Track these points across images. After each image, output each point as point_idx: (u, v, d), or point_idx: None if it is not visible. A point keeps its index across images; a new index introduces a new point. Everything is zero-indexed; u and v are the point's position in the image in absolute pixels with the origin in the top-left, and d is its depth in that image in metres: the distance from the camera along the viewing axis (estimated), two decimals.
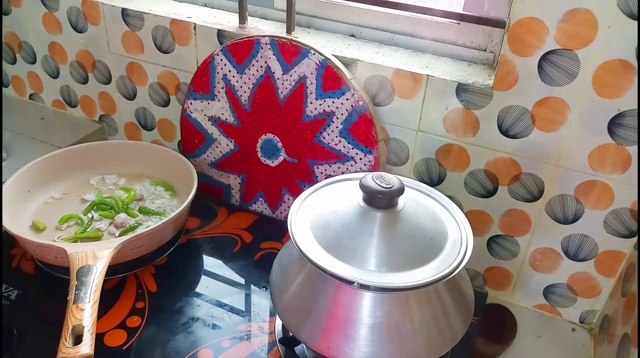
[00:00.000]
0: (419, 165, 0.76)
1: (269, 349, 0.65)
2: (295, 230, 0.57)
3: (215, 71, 0.81)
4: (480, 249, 0.77)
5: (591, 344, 0.74)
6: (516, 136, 0.67)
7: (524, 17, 0.60)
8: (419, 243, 0.56)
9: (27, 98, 1.12)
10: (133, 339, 0.65)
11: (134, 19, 0.87)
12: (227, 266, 0.78)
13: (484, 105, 0.67)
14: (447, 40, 0.75)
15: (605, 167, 0.64)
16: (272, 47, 0.75)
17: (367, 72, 0.73)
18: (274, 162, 0.84)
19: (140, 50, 0.90)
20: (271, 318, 0.70)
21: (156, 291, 0.72)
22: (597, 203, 0.67)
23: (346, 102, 0.73)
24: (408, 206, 0.58)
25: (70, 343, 0.54)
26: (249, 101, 0.81)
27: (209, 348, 0.65)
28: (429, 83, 0.69)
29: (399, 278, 0.53)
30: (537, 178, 0.69)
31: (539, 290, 0.77)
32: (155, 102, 0.95)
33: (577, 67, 0.60)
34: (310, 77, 0.74)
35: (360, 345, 0.53)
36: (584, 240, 0.70)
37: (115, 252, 0.65)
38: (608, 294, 0.73)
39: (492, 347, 0.73)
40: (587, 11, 0.57)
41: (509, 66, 0.63)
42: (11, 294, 0.71)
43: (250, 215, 0.88)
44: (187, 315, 0.69)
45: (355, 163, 0.77)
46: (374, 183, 0.56)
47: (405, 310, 0.54)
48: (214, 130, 0.87)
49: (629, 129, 0.61)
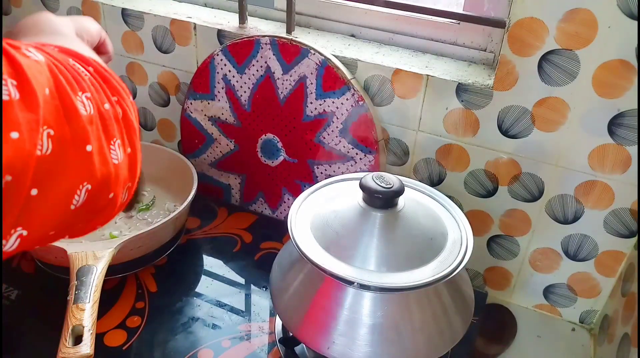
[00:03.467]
0: (419, 165, 0.76)
1: (269, 349, 0.65)
2: (295, 230, 0.57)
3: (215, 71, 0.81)
4: (480, 249, 0.77)
5: (591, 344, 0.74)
6: (516, 136, 0.67)
7: (524, 17, 0.60)
8: (419, 243, 0.56)
9: None
10: (133, 339, 0.65)
11: (134, 19, 0.87)
12: (227, 266, 0.78)
13: (484, 105, 0.67)
14: (447, 40, 0.75)
15: (605, 167, 0.64)
16: (272, 47, 0.75)
17: (367, 72, 0.73)
18: (274, 162, 0.84)
19: (140, 50, 0.90)
20: (271, 318, 0.70)
21: (156, 291, 0.72)
22: (597, 203, 0.67)
23: (346, 102, 0.73)
24: (408, 206, 0.58)
25: (70, 343, 0.54)
26: (249, 101, 0.81)
27: (209, 348, 0.65)
28: (429, 83, 0.69)
29: (399, 278, 0.53)
30: (537, 178, 0.69)
31: (539, 290, 0.77)
32: (155, 102, 0.95)
33: (577, 67, 0.60)
34: (310, 77, 0.74)
35: (360, 345, 0.53)
36: (584, 240, 0.70)
37: (115, 252, 0.65)
38: (608, 294, 0.73)
39: (492, 347, 0.73)
40: (587, 11, 0.57)
41: (509, 66, 0.63)
42: (11, 294, 0.71)
43: (250, 215, 0.88)
44: (187, 315, 0.69)
45: (355, 163, 0.77)
46: (374, 183, 0.56)
47: (405, 310, 0.54)
48: (214, 130, 0.87)
49: (629, 129, 0.61)
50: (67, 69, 0.33)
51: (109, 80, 0.37)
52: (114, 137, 0.34)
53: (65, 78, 0.31)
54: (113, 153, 0.34)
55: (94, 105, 0.33)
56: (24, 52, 0.29)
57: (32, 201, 0.29)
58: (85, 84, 0.33)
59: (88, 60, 0.37)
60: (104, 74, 0.37)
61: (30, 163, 0.28)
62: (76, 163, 0.31)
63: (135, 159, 0.38)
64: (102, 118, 0.34)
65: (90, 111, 0.32)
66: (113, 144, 0.34)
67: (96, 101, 0.33)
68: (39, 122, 0.28)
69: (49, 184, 0.30)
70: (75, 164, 0.31)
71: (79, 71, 0.34)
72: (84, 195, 0.32)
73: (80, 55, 0.37)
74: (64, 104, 0.30)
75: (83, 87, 0.33)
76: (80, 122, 0.31)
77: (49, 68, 0.30)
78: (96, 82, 0.35)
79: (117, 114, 0.35)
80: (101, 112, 0.34)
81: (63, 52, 0.36)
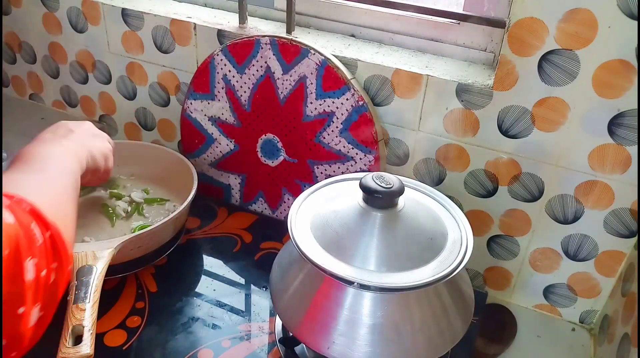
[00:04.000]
0: (419, 165, 0.76)
1: (269, 349, 0.65)
2: (295, 230, 0.57)
3: (215, 71, 0.81)
4: (480, 249, 0.77)
5: (591, 344, 0.74)
6: (516, 136, 0.67)
7: (524, 17, 0.60)
8: (419, 243, 0.56)
9: (27, 98, 1.12)
10: (133, 339, 0.65)
11: (134, 19, 0.87)
12: (227, 266, 0.78)
13: (484, 105, 0.67)
14: (447, 41, 0.75)
15: (605, 167, 0.64)
16: (272, 47, 0.75)
17: (367, 72, 0.73)
18: (274, 162, 0.84)
19: (140, 50, 0.90)
20: (271, 318, 0.70)
21: (156, 291, 0.72)
22: (597, 203, 0.67)
23: (346, 102, 0.73)
24: (408, 206, 0.58)
25: (71, 343, 0.54)
26: (249, 101, 0.81)
27: (209, 348, 0.65)
28: (429, 83, 0.69)
29: (399, 278, 0.53)
30: (537, 178, 0.69)
31: (539, 290, 0.77)
32: (155, 102, 0.95)
33: (577, 67, 0.60)
34: (310, 77, 0.74)
35: (360, 345, 0.53)
36: (584, 240, 0.70)
37: (115, 252, 0.65)
38: (608, 294, 0.73)
39: (492, 347, 0.73)
40: (587, 11, 0.57)
41: (509, 66, 0.63)
42: None
43: (250, 215, 0.88)
44: (187, 315, 0.69)
45: (355, 163, 0.77)
46: (374, 183, 0.56)
47: (405, 310, 0.54)
48: (214, 130, 0.87)
49: (629, 129, 0.61)
50: (27, 234, 0.38)
51: (57, 246, 0.42)
52: (37, 302, 0.39)
53: (22, 243, 0.37)
54: (32, 316, 0.39)
55: (35, 271, 0.38)
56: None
57: None
58: (36, 249, 0.38)
59: (49, 225, 0.42)
60: (56, 241, 0.42)
61: None
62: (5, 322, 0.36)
63: (45, 322, 0.42)
64: (37, 284, 0.39)
65: (32, 276, 0.37)
66: (35, 308, 0.39)
67: (38, 266, 0.38)
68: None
69: None
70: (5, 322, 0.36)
71: (36, 237, 0.39)
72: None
73: (44, 220, 0.42)
74: (16, 266, 0.35)
75: (34, 253, 0.38)
76: (23, 285, 0.36)
77: (15, 231, 0.36)
78: (45, 248, 0.40)
79: (49, 280, 0.40)
80: (38, 278, 0.39)
81: (31, 213, 0.41)
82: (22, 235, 0.37)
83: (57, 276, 0.42)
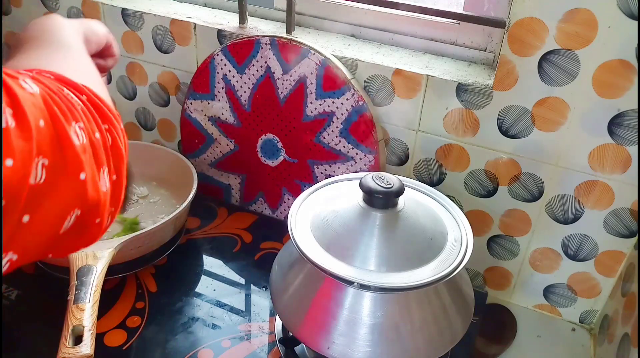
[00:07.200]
0: (419, 165, 0.76)
1: (269, 349, 0.65)
2: (295, 230, 0.57)
3: (215, 71, 0.81)
4: (480, 249, 0.77)
5: (591, 344, 0.74)
6: (516, 136, 0.67)
7: (524, 17, 0.60)
8: (419, 243, 0.56)
9: None
10: (133, 339, 0.65)
11: (134, 19, 0.87)
12: (227, 266, 0.78)
13: (484, 105, 0.67)
14: (447, 40, 0.75)
15: (605, 167, 0.64)
16: (272, 47, 0.75)
17: (367, 72, 0.73)
18: (274, 162, 0.84)
19: (140, 50, 0.90)
20: (271, 318, 0.70)
21: (156, 292, 0.72)
22: (597, 203, 0.67)
23: (346, 102, 0.73)
24: (408, 206, 0.58)
25: (71, 343, 0.54)
26: (249, 101, 0.81)
27: (209, 348, 0.65)
28: (429, 83, 0.69)
29: (399, 278, 0.53)
30: (537, 178, 0.69)
31: (539, 290, 0.77)
32: (155, 102, 0.95)
33: (577, 67, 0.60)
34: (310, 77, 0.74)
35: (360, 345, 0.53)
36: (584, 240, 0.70)
37: (115, 252, 0.65)
38: (608, 294, 0.73)
39: (492, 347, 0.73)
40: (587, 11, 0.57)
41: (509, 66, 0.63)
42: (11, 294, 0.71)
43: (250, 215, 0.88)
44: (187, 315, 0.69)
45: (355, 163, 0.77)
46: (374, 183, 0.56)
47: (405, 310, 0.54)
48: (214, 130, 0.87)
49: (629, 129, 0.61)
50: (62, 100, 0.34)
51: (100, 108, 0.38)
52: (102, 165, 0.36)
53: (59, 109, 0.33)
54: (102, 180, 0.36)
55: (86, 134, 0.34)
56: (20, 84, 0.30)
57: (23, 228, 0.30)
58: (78, 113, 0.34)
59: (82, 89, 0.38)
60: (96, 102, 0.38)
61: (23, 191, 0.28)
62: (69, 191, 0.32)
63: (120, 186, 0.39)
64: (93, 147, 0.35)
65: (82, 140, 0.34)
66: (103, 172, 0.36)
67: (88, 130, 0.35)
68: (32, 153, 0.29)
69: (41, 210, 0.30)
70: (68, 191, 0.32)
71: (73, 101, 0.35)
72: (73, 220, 0.33)
73: (74, 84, 0.38)
74: (59, 135, 0.32)
75: (76, 117, 0.34)
76: (74, 151, 0.33)
77: (44, 100, 0.32)
78: (87, 111, 0.36)
79: (107, 142, 0.37)
80: (92, 141, 0.35)
81: (58, 80, 0.37)
82: (56, 100, 0.33)
83: (114, 136, 0.38)
